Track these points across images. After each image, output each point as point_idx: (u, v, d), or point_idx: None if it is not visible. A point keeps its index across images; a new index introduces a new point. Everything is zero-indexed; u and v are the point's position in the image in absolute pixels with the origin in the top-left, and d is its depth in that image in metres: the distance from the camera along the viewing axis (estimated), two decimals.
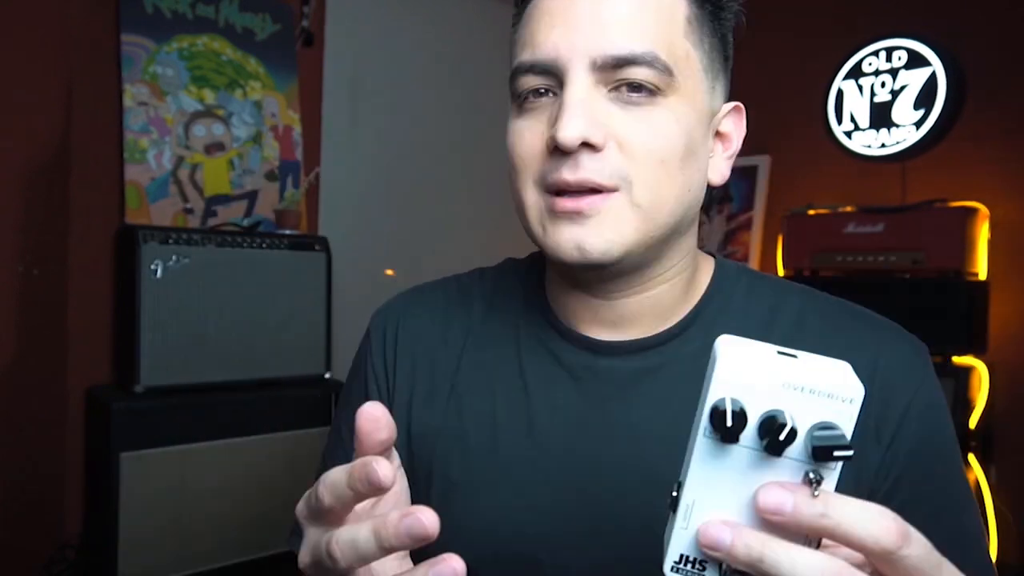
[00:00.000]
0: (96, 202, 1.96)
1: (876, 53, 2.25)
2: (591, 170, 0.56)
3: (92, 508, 1.85)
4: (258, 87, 2.26)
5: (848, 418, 0.35)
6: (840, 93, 2.33)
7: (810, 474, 0.35)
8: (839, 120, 2.33)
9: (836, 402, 0.35)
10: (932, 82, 2.13)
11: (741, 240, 2.74)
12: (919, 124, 2.15)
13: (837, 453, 0.34)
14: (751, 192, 2.74)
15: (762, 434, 0.35)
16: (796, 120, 2.57)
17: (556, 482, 0.63)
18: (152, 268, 1.72)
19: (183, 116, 2.10)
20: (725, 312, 0.66)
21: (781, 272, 2.40)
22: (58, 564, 1.85)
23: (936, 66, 2.12)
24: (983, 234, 2.08)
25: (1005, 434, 2.09)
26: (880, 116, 2.24)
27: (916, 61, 2.16)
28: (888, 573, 0.35)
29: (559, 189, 0.57)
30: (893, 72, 2.21)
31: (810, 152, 2.54)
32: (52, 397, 1.87)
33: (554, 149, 0.56)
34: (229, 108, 2.20)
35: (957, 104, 2.11)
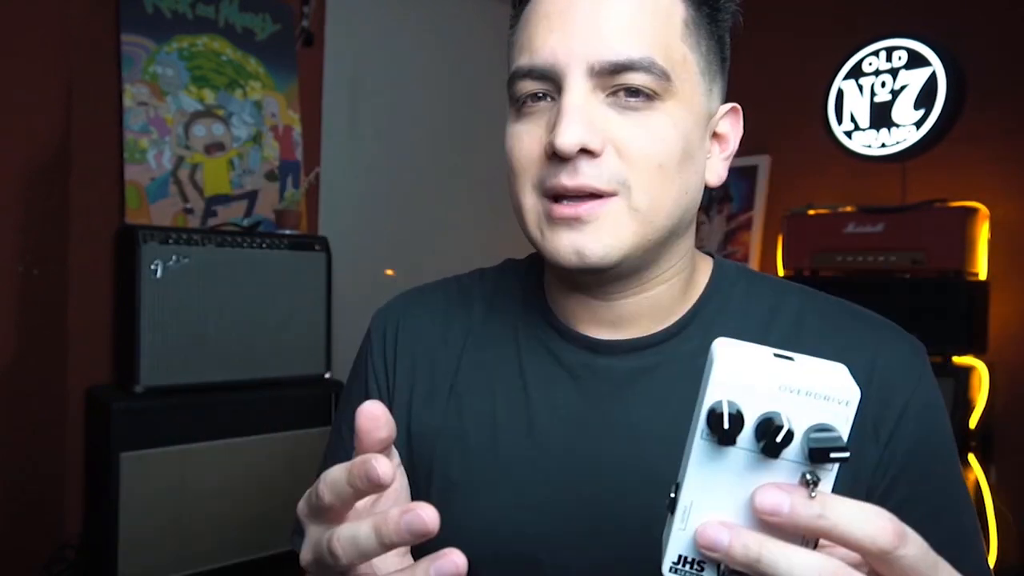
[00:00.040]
0: (96, 202, 1.96)
1: (876, 53, 2.25)
2: (589, 176, 0.56)
3: (92, 508, 1.85)
4: (258, 87, 2.26)
5: (844, 420, 0.35)
6: (840, 93, 2.32)
7: (807, 475, 0.35)
8: (839, 120, 2.33)
9: (832, 404, 0.35)
10: (932, 82, 2.13)
11: (741, 240, 2.74)
12: (919, 124, 2.15)
13: (834, 455, 0.34)
14: (751, 192, 2.74)
15: (759, 436, 0.35)
16: (796, 120, 2.57)
17: (556, 482, 0.63)
18: (152, 268, 1.72)
19: (183, 116, 2.10)
20: (723, 312, 0.66)
21: (781, 272, 2.40)
22: (58, 564, 1.85)
23: (936, 66, 2.12)
24: (983, 234, 2.08)
25: (1005, 434, 2.09)
26: (880, 116, 2.24)
27: (916, 61, 2.16)
28: (885, 573, 0.35)
29: (557, 194, 0.58)
30: (893, 72, 2.21)
31: (810, 152, 2.54)
32: (52, 397, 1.87)
33: (552, 155, 0.56)
34: (229, 108, 2.20)
35: (957, 104, 2.11)
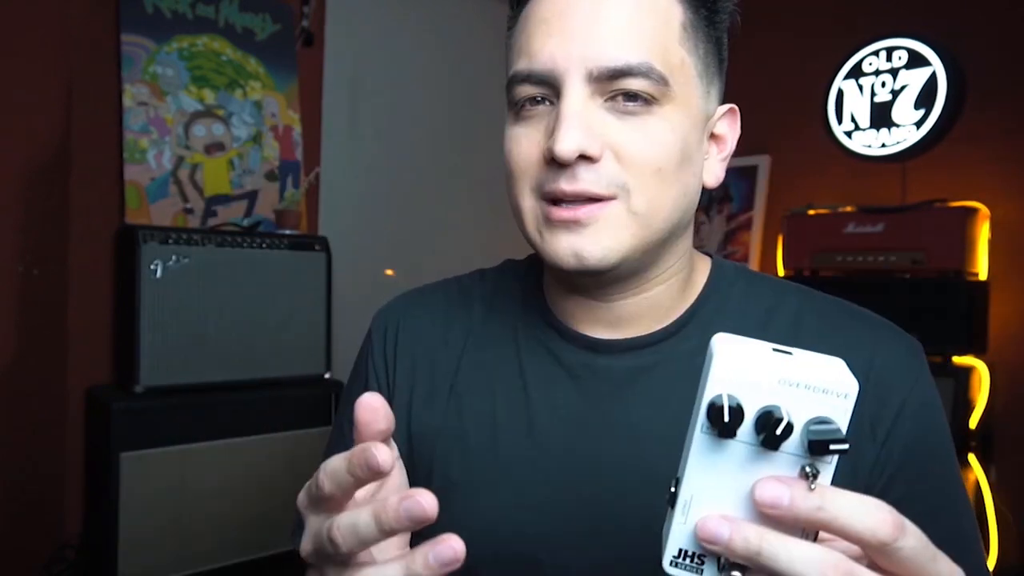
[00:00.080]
0: (96, 202, 1.96)
1: (876, 53, 2.25)
2: (588, 181, 0.56)
3: (92, 508, 1.85)
4: (258, 87, 2.26)
5: (843, 413, 0.35)
6: (840, 93, 2.32)
7: (806, 468, 0.35)
8: (839, 120, 2.33)
9: (831, 397, 0.35)
10: (932, 82, 2.13)
11: (741, 240, 2.74)
12: (919, 124, 2.15)
13: (833, 447, 0.34)
14: (751, 192, 2.74)
15: (759, 429, 0.35)
16: (796, 120, 2.57)
17: (556, 482, 0.63)
18: (152, 268, 1.72)
19: (183, 116, 2.10)
20: (722, 312, 0.66)
21: (781, 272, 2.40)
22: (58, 564, 1.85)
23: (936, 66, 2.12)
24: (983, 234, 2.08)
25: (1005, 434, 2.09)
26: (880, 116, 2.24)
27: (916, 61, 2.16)
28: (884, 566, 0.35)
29: (556, 198, 0.58)
30: (893, 72, 2.21)
31: (810, 152, 2.54)
32: (52, 397, 1.87)
33: (551, 160, 0.57)
34: (229, 108, 2.20)
35: (957, 104, 2.11)
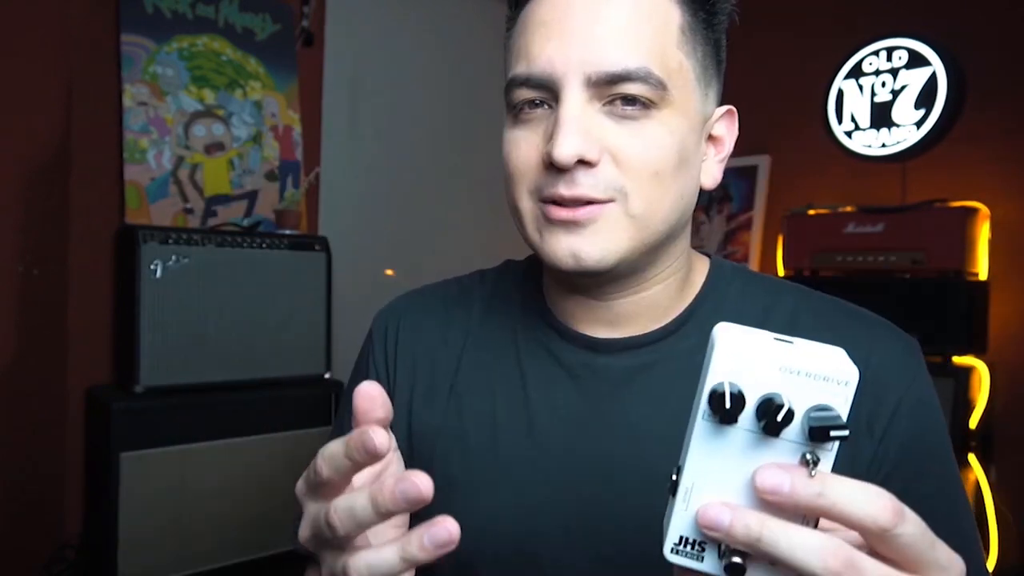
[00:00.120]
0: (96, 202, 1.96)
1: (876, 53, 2.25)
2: (586, 186, 0.57)
3: (92, 508, 1.85)
4: (258, 87, 2.26)
5: (844, 400, 0.35)
6: (840, 93, 2.32)
7: (807, 455, 0.35)
8: (839, 120, 2.33)
9: (832, 385, 0.35)
10: (932, 82, 2.13)
11: (741, 240, 2.74)
12: (919, 124, 2.15)
13: (834, 433, 0.34)
14: (751, 192, 2.74)
15: (760, 416, 0.35)
16: (796, 120, 2.57)
17: (555, 481, 0.63)
18: (152, 268, 1.72)
19: (183, 116, 2.10)
20: (719, 311, 0.66)
21: (781, 272, 2.40)
22: (58, 564, 1.85)
23: (936, 66, 2.12)
24: (983, 234, 2.08)
25: (1005, 434, 2.09)
26: (880, 116, 2.24)
27: (916, 61, 2.16)
28: (884, 552, 0.35)
29: (555, 201, 0.58)
30: (893, 72, 2.21)
31: (810, 152, 2.54)
32: (52, 397, 1.87)
33: (550, 164, 0.57)
34: (229, 108, 2.20)
35: (957, 104, 2.11)
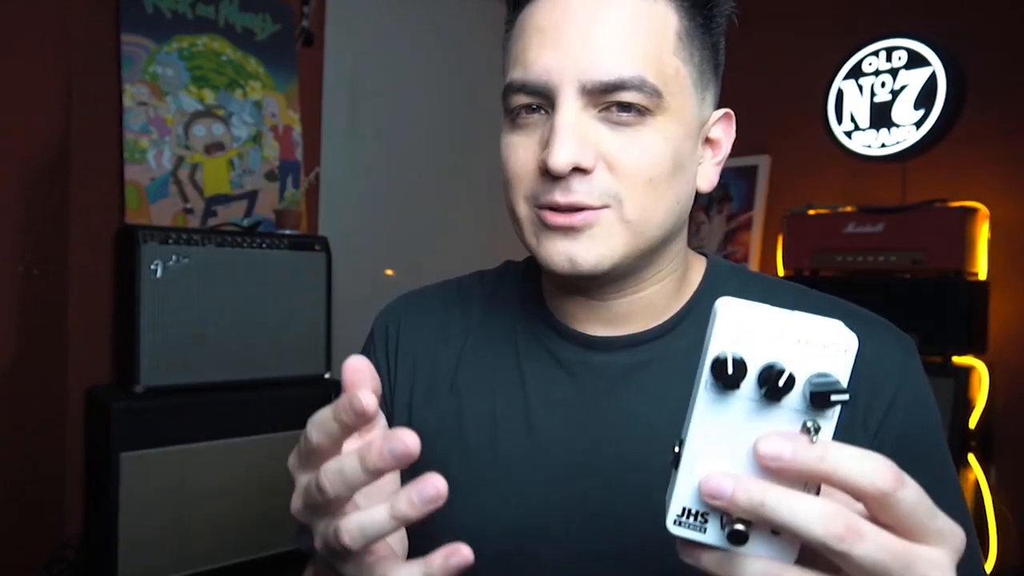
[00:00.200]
0: (96, 202, 1.96)
1: (876, 53, 2.25)
2: (582, 193, 0.57)
3: (92, 508, 1.85)
4: (258, 87, 2.26)
5: (844, 366, 0.36)
6: (840, 93, 2.33)
7: (808, 424, 0.36)
8: (839, 120, 2.33)
9: (831, 351, 0.36)
10: (932, 82, 2.13)
11: (741, 240, 2.74)
12: (919, 124, 2.15)
13: (834, 398, 0.35)
14: (751, 192, 2.74)
15: (761, 383, 0.36)
16: (796, 120, 2.57)
17: (555, 479, 0.64)
18: (152, 268, 1.72)
19: (183, 116, 2.10)
20: None
21: (781, 272, 2.40)
22: (58, 564, 1.85)
23: (936, 66, 2.12)
24: (983, 234, 2.08)
25: (1005, 434, 2.09)
26: (880, 116, 2.24)
27: (916, 61, 2.16)
28: (884, 520, 0.35)
29: (551, 207, 0.59)
30: (893, 72, 2.21)
31: (810, 152, 2.54)
32: (52, 397, 1.87)
33: (545, 171, 0.58)
34: (229, 108, 2.20)
35: (957, 104, 2.11)
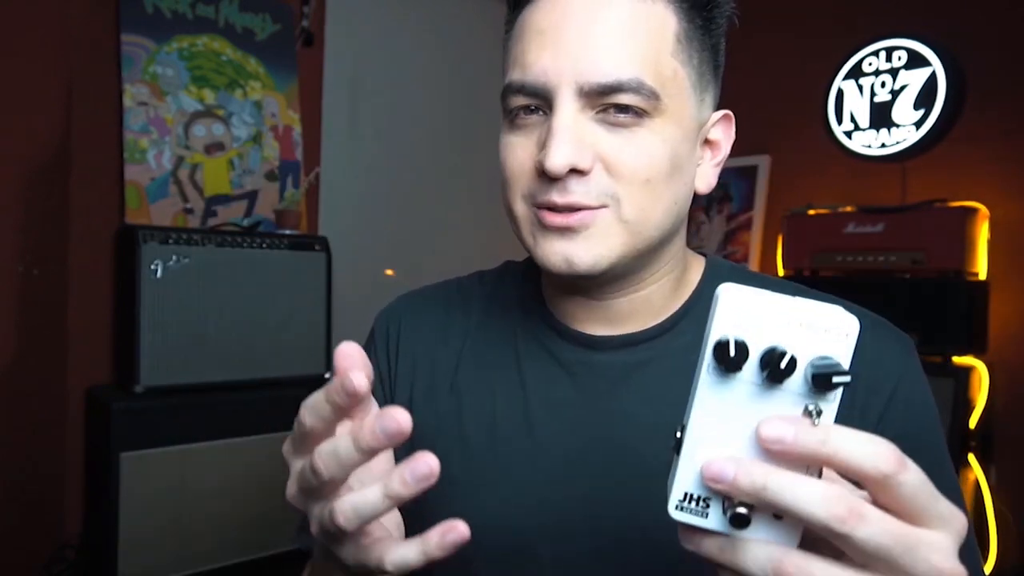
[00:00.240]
0: (96, 202, 1.96)
1: (876, 53, 2.25)
2: (579, 193, 0.58)
3: (92, 508, 1.85)
4: (258, 87, 2.26)
5: (845, 349, 0.36)
6: (840, 93, 2.33)
7: (809, 407, 0.36)
8: (839, 120, 2.33)
9: (833, 334, 0.36)
10: (932, 82, 2.13)
11: (741, 240, 2.74)
12: (919, 124, 2.15)
13: (836, 379, 0.35)
14: (751, 192, 2.74)
15: (763, 366, 0.36)
16: (796, 120, 2.57)
17: (555, 477, 0.64)
18: (152, 268, 1.72)
19: (183, 116, 2.10)
20: None
21: (781, 272, 2.40)
22: (58, 564, 1.85)
23: (936, 66, 2.12)
24: (983, 234, 2.08)
25: (1005, 434, 2.09)
26: (880, 116, 2.24)
27: (916, 61, 2.16)
28: (886, 503, 0.35)
29: (548, 207, 0.59)
30: (893, 72, 2.21)
31: (810, 152, 2.54)
32: (52, 397, 1.87)
33: (542, 172, 0.58)
34: (229, 108, 2.20)
35: (957, 104, 2.11)
